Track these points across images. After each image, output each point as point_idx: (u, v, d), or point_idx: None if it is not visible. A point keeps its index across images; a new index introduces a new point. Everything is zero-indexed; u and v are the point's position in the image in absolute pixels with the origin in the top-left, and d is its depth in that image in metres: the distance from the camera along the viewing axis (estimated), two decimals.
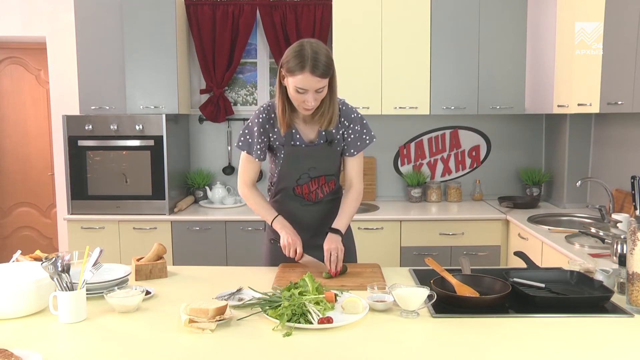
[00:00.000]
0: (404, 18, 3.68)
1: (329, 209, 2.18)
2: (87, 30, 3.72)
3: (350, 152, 2.13)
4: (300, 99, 1.90)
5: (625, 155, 3.27)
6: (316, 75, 1.84)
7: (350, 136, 2.11)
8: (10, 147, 4.55)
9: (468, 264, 1.93)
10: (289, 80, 1.90)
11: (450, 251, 3.55)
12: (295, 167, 2.08)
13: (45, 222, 4.64)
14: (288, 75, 1.89)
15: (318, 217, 2.17)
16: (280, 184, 2.14)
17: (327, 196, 2.17)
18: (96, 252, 1.66)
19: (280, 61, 1.93)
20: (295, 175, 2.10)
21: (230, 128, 4.16)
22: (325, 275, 1.96)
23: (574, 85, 3.11)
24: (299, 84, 1.86)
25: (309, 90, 1.87)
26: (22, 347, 1.33)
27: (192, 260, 3.52)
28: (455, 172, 4.20)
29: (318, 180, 2.13)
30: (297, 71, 1.85)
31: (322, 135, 2.08)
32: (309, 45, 1.87)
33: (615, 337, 1.46)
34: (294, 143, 2.06)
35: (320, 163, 2.10)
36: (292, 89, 1.89)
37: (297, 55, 1.85)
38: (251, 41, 4.09)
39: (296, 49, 1.88)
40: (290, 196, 2.15)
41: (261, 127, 2.05)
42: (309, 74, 1.83)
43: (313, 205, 2.16)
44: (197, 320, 1.47)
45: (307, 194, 2.14)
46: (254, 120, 2.06)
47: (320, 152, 2.08)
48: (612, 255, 2.30)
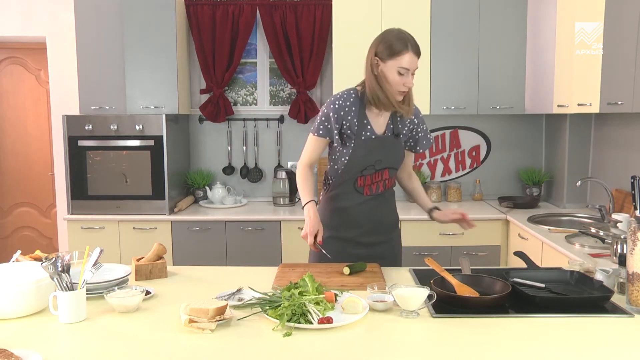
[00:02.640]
0: (404, 18, 3.68)
1: (382, 206, 2.23)
2: (87, 30, 3.72)
3: (416, 150, 2.26)
4: (401, 81, 2.01)
5: (625, 155, 3.27)
6: (416, 55, 2.01)
7: (419, 134, 2.23)
8: (10, 147, 4.55)
9: (468, 264, 1.93)
10: (387, 65, 2.00)
11: (450, 251, 3.55)
12: (364, 157, 2.12)
13: (45, 222, 4.64)
14: (389, 58, 2.00)
15: (372, 213, 2.20)
16: (344, 175, 2.16)
17: (385, 192, 2.23)
18: (96, 252, 1.66)
19: (374, 51, 2.04)
20: (362, 165, 2.14)
21: (230, 128, 4.16)
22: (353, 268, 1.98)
23: (574, 85, 3.11)
24: (405, 64, 1.99)
25: (410, 69, 2.00)
26: (22, 347, 1.33)
27: (192, 260, 3.52)
28: (455, 172, 4.20)
29: (382, 173, 2.17)
30: (403, 51, 1.98)
31: (390, 129, 2.15)
32: (399, 30, 2.03)
33: (615, 337, 1.46)
34: (365, 133, 2.11)
35: (387, 155, 2.15)
36: (393, 72, 2.00)
37: (400, 38, 2.00)
38: (251, 41, 4.09)
39: (395, 33, 2.02)
40: (350, 190, 2.17)
41: (336, 112, 2.10)
42: (412, 54, 1.99)
43: (370, 200, 2.19)
44: (197, 320, 1.47)
45: (369, 185, 2.17)
46: (329, 106, 2.12)
47: (388, 144, 2.15)
48: (612, 255, 2.30)
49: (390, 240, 2.27)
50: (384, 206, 2.24)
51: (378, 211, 2.21)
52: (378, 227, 2.21)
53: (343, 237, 2.17)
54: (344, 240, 2.17)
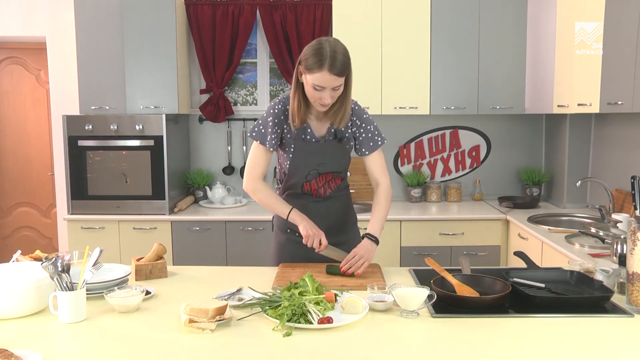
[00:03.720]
0: (404, 18, 3.68)
1: (337, 206, 2.21)
2: (87, 30, 3.72)
3: (362, 152, 2.17)
4: (317, 95, 1.93)
5: (625, 155, 3.27)
6: (334, 74, 1.88)
7: (362, 135, 2.14)
8: (10, 147, 4.55)
9: (468, 264, 1.93)
10: (306, 77, 1.92)
11: (450, 251, 3.54)
12: (305, 161, 2.10)
13: (45, 222, 4.64)
14: (306, 72, 1.92)
15: (326, 214, 2.18)
16: (290, 180, 2.15)
17: (334, 192, 2.19)
18: (96, 252, 1.66)
19: (299, 58, 1.96)
20: (304, 170, 2.11)
21: (230, 128, 4.16)
22: (330, 269, 1.97)
23: (574, 85, 3.11)
24: (317, 81, 1.89)
25: (326, 87, 1.90)
26: (22, 347, 1.33)
27: (192, 260, 3.52)
28: (455, 172, 4.20)
29: (326, 176, 2.15)
30: (315, 69, 1.88)
31: (331, 132, 2.11)
32: (328, 43, 1.91)
33: (615, 337, 1.46)
34: (305, 138, 2.09)
35: (329, 159, 2.12)
36: (309, 86, 1.93)
37: (316, 53, 1.88)
38: (251, 41, 4.09)
39: (315, 47, 1.91)
40: (299, 194, 2.16)
41: (276, 117, 2.06)
42: (327, 72, 1.87)
43: (322, 201, 2.18)
44: (197, 320, 1.47)
45: (316, 190, 2.15)
46: (269, 111, 2.08)
47: (330, 148, 2.11)
48: (612, 255, 2.30)
49: (348, 240, 2.21)
50: (337, 207, 2.21)
51: (331, 212, 2.19)
52: (333, 228, 2.15)
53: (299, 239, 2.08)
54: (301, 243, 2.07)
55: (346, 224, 2.26)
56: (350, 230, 2.28)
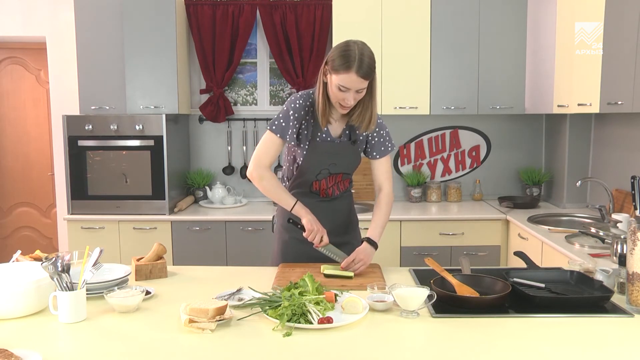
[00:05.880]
0: (404, 18, 3.68)
1: (342, 207, 2.23)
2: (87, 30, 3.72)
3: (373, 155, 2.18)
4: (340, 96, 1.95)
5: (625, 155, 3.27)
6: (360, 76, 1.89)
7: (375, 139, 2.17)
8: (10, 147, 4.55)
9: (468, 264, 1.93)
10: (332, 78, 1.94)
11: (450, 251, 3.55)
12: (318, 159, 2.10)
13: (45, 222, 4.64)
14: (332, 72, 1.93)
15: (332, 215, 2.19)
16: (300, 177, 2.15)
17: (341, 193, 2.22)
18: (96, 252, 1.66)
19: (326, 58, 1.98)
20: (316, 169, 2.12)
21: (230, 128, 4.16)
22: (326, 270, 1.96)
23: (574, 85, 3.11)
24: (343, 82, 1.90)
25: (351, 89, 1.92)
26: (22, 347, 1.33)
27: (192, 260, 3.52)
28: (455, 172, 4.20)
29: (336, 177, 2.16)
30: (342, 70, 1.89)
31: (346, 134, 2.13)
32: (356, 46, 1.92)
33: (615, 337, 1.46)
34: (320, 136, 2.09)
35: (341, 160, 2.13)
36: (334, 87, 1.94)
37: (344, 54, 1.90)
38: (251, 41, 4.09)
39: (343, 48, 1.92)
40: (306, 192, 2.17)
41: (296, 112, 2.06)
42: (353, 74, 1.88)
43: (328, 202, 2.19)
44: (197, 320, 1.47)
45: (324, 189, 2.16)
46: (290, 105, 2.07)
47: (343, 149, 2.12)
48: (612, 255, 2.30)
49: (351, 241, 2.23)
50: (341, 208, 2.23)
51: (336, 213, 2.20)
52: (336, 228, 2.17)
53: (303, 238, 2.07)
54: (305, 241, 2.08)
55: (350, 224, 2.28)
56: (353, 231, 2.30)
